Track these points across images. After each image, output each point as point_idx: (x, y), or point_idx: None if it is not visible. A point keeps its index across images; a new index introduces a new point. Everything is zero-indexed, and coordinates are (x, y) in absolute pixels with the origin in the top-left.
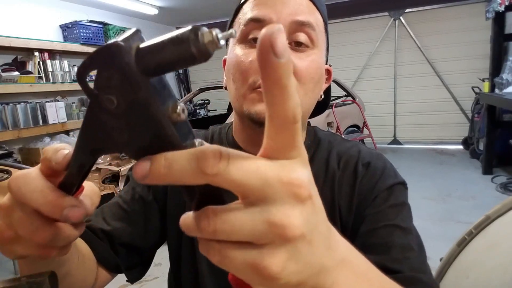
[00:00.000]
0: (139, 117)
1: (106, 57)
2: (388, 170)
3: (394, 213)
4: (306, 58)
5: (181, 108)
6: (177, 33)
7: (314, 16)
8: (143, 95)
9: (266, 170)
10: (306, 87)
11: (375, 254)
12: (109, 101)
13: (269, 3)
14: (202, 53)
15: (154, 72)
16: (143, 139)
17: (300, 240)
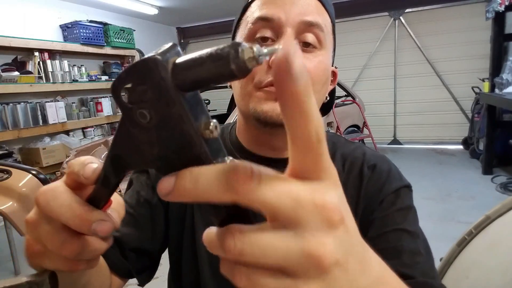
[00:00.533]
0: (171, 132)
1: (143, 71)
2: (393, 172)
3: (401, 217)
4: (313, 59)
5: (213, 125)
6: (216, 49)
7: (323, 17)
8: (177, 110)
9: (299, 192)
10: (313, 88)
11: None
12: (142, 115)
13: (278, 2)
14: (241, 70)
15: (190, 88)
16: (173, 155)
17: (336, 268)
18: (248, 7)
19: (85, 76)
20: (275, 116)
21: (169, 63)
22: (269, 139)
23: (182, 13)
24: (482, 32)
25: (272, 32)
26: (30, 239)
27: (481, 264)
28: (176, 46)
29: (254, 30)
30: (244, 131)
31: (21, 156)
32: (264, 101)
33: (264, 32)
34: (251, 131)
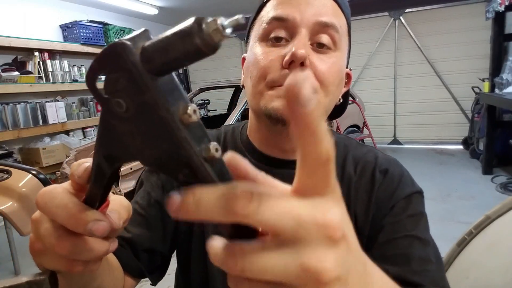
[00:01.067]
0: (149, 120)
1: (112, 57)
2: (405, 178)
3: (412, 224)
4: (327, 60)
5: (192, 108)
6: (180, 26)
7: (338, 18)
8: (150, 96)
9: (300, 211)
10: (326, 89)
11: (395, 265)
12: (118, 104)
13: (294, 2)
14: (208, 45)
15: (162, 71)
16: (156, 144)
17: (336, 283)
18: (264, 7)
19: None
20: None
21: (138, 48)
22: (279, 140)
23: (182, 13)
24: (482, 32)
25: (287, 32)
26: (32, 237)
27: (481, 264)
28: (147, 31)
29: (269, 30)
30: (255, 131)
31: (21, 156)
32: (276, 98)
33: (278, 32)
34: (262, 131)
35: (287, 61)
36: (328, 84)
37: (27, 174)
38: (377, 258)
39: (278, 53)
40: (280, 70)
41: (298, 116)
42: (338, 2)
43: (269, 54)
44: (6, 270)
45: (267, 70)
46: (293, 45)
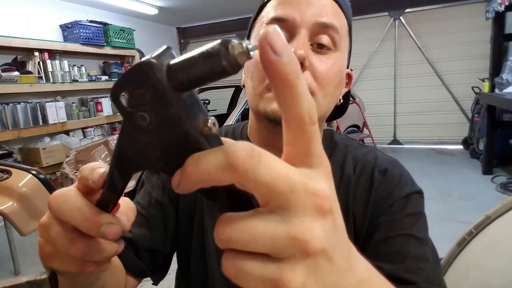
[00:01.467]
0: (171, 132)
1: (139, 75)
2: (405, 177)
3: (410, 223)
4: (327, 61)
5: (211, 122)
6: (207, 48)
7: (339, 19)
8: (175, 110)
9: (294, 176)
10: (326, 90)
11: (389, 263)
12: (142, 118)
13: (294, 2)
14: (232, 66)
15: (186, 88)
16: (176, 154)
17: (322, 256)
18: (264, 7)
19: (85, 76)
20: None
21: (163, 66)
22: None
23: (182, 13)
24: (482, 32)
25: (286, 33)
26: (42, 241)
27: (481, 264)
28: (170, 49)
29: None
30: (255, 132)
31: (21, 156)
32: (274, 101)
33: None
34: (262, 132)
35: None
36: (327, 85)
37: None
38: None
39: None
40: None
41: (274, 69)
42: (338, 2)
43: None
44: (6, 270)
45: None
46: (292, 45)
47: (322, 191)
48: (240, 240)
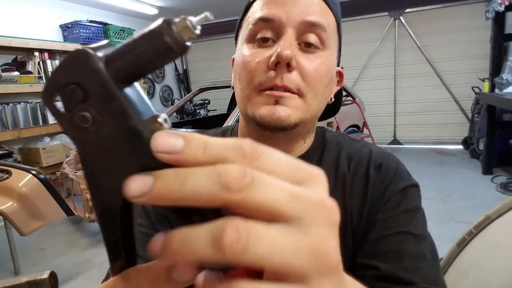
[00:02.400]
0: (116, 130)
1: (73, 66)
2: (401, 171)
3: (406, 219)
4: (315, 60)
5: (163, 117)
6: (148, 28)
7: (326, 17)
8: (118, 105)
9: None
10: (315, 90)
11: (387, 262)
12: (82, 119)
13: (279, 2)
14: (178, 43)
15: (128, 78)
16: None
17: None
18: (250, 7)
19: None
20: (273, 121)
21: (101, 57)
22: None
23: (182, 13)
24: (482, 32)
25: (273, 33)
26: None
27: (481, 264)
28: (111, 44)
29: (255, 31)
30: (246, 134)
31: (21, 156)
32: (262, 105)
33: (264, 33)
34: (252, 134)
35: (272, 62)
36: (316, 85)
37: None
38: (368, 255)
39: (264, 54)
40: (266, 72)
41: (185, 162)
42: (326, 0)
43: (255, 55)
44: (6, 270)
45: (254, 72)
46: (278, 45)
47: (329, 201)
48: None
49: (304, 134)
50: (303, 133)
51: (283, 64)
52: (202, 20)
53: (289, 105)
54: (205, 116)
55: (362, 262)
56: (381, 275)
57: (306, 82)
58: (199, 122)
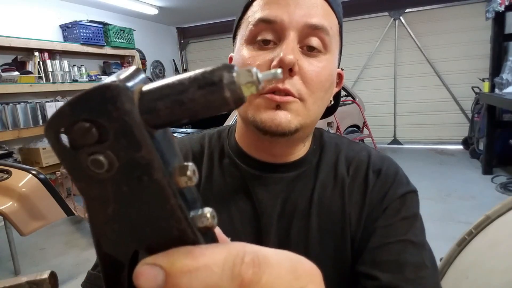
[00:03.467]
0: (135, 183)
1: (98, 102)
2: (400, 177)
3: (406, 227)
4: (317, 64)
5: (191, 169)
6: (201, 72)
7: (329, 19)
8: (145, 155)
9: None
10: (316, 95)
11: (388, 272)
12: (96, 163)
13: (282, 2)
14: (237, 99)
15: (163, 124)
16: (135, 213)
17: None
18: (250, 6)
19: (85, 76)
20: (274, 127)
21: (135, 92)
22: (269, 146)
23: (182, 13)
24: (482, 32)
25: (274, 35)
26: None
27: (481, 264)
28: (141, 71)
29: (255, 32)
30: (244, 136)
31: (21, 156)
32: (264, 110)
33: (265, 35)
34: (251, 136)
35: (274, 67)
36: (317, 90)
37: (27, 174)
38: (368, 264)
39: (265, 58)
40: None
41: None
42: (329, 1)
43: (256, 58)
44: (6, 270)
45: None
46: (281, 49)
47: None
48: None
49: (303, 138)
50: (303, 137)
51: (285, 70)
52: (269, 76)
53: (290, 110)
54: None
55: (363, 270)
56: (382, 287)
57: (307, 87)
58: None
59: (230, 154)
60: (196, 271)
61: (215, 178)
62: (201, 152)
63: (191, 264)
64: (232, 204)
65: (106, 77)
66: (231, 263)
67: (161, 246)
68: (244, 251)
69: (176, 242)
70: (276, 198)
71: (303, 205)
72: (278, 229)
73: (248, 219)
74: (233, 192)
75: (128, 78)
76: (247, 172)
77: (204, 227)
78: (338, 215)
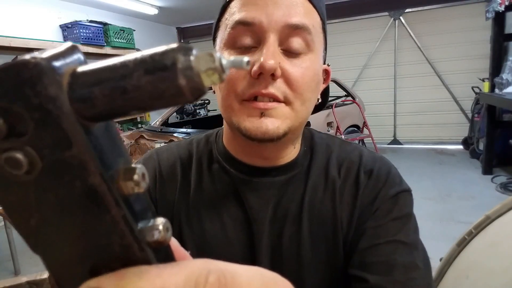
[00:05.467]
0: (64, 189)
1: (12, 85)
2: (392, 176)
3: (397, 227)
4: (300, 65)
5: (140, 172)
6: (150, 53)
7: (310, 17)
8: (76, 154)
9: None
10: (303, 97)
11: (376, 274)
12: (12, 162)
13: (260, 3)
14: (194, 89)
15: (101, 116)
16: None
17: None
18: (227, 7)
19: None
20: (260, 134)
21: (64, 74)
22: (258, 150)
23: (182, 13)
24: (482, 32)
25: (253, 38)
26: None
27: (481, 264)
28: (77, 48)
29: (234, 35)
30: (232, 140)
31: None
32: (247, 117)
33: (244, 40)
34: (238, 141)
35: (255, 72)
36: (303, 92)
37: None
38: (357, 266)
39: None
40: (249, 81)
41: None
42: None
43: None
44: (6, 270)
45: (235, 81)
46: (261, 54)
47: None
48: None
49: (293, 140)
50: (292, 139)
51: (266, 75)
52: (235, 63)
53: (277, 116)
54: (205, 116)
55: (353, 273)
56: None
57: (292, 90)
58: (199, 122)
59: (219, 159)
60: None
61: (205, 185)
62: (190, 159)
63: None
64: (223, 211)
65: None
66: (193, 283)
67: (105, 268)
68: (208, 269)
69: (123, 262)
70: (267, 203)
71: (294, 209)
72: (270, 235)
73: (240, 226)
74: (224, 198)
75: (57, 56)
76: (237, 177)
77: (155, 241)
78: (329, 219)
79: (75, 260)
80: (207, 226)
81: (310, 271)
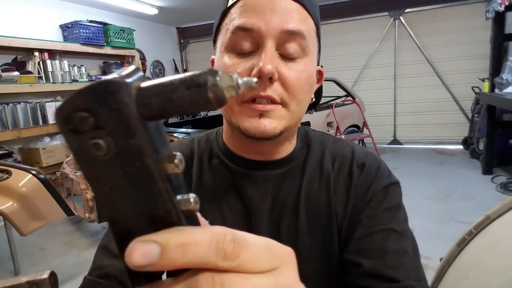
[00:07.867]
0: (127, 167)
1: (102, 95)
2: (382, 169)
3: (389, 217)
4: (296, 68)
5: (179, 158)
6: (189, 75)
7: (306, 23)
8: (137, 142)
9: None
10: (298, 98)
11: (371, 259)
12: (96, 146)
13: (258, 10)
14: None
15: (155, 117)
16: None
17: None
18: (228, 13)
19: (85, 76)
20: (258, 134)
21: (132, 88)
22: (256, 146)
23: (182, 13)
24: (482, 32)
25: (252, 43)
26: None
27: (481, 264)
28: (139, 70)
29: (234, 39)
30: (231, 137)
31: (21, 156)
32: (246, 118)
33: (244, 45)
34: (238, 139)
35: (254, 76)
36: (298, 93)
37: (27, 174)
38: (353, 252)
39: (245, 66)
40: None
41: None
42: (304, 4)
43: (236, 66)
44: (6, 270)
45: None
46: (260, 58)
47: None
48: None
49: (289, 137)
50: (288, 137)
51: (265, 79)
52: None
53: (274, 117)
54: (205, 116)
55: (348, 258)
56: (365, 273)
57: (288, 92)
58: (199, 121)
59: (219, 155)
60: (189, 245)
61: (205, 179)
62: (191, 155)
63: (184, 238)
64: (223, 203)
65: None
66: (216, 240)
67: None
68: (225, 232)
69: (165, 223)
70: (265, 195)
71: (292, 201)
72: (268, 225)
73: (240, 217)
74: (224, 191)
75: (128, 75)
76: (236, 171)
77: (187, 210)
78: (325, 209)
79: (133, 218)
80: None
81: (307, 258)
